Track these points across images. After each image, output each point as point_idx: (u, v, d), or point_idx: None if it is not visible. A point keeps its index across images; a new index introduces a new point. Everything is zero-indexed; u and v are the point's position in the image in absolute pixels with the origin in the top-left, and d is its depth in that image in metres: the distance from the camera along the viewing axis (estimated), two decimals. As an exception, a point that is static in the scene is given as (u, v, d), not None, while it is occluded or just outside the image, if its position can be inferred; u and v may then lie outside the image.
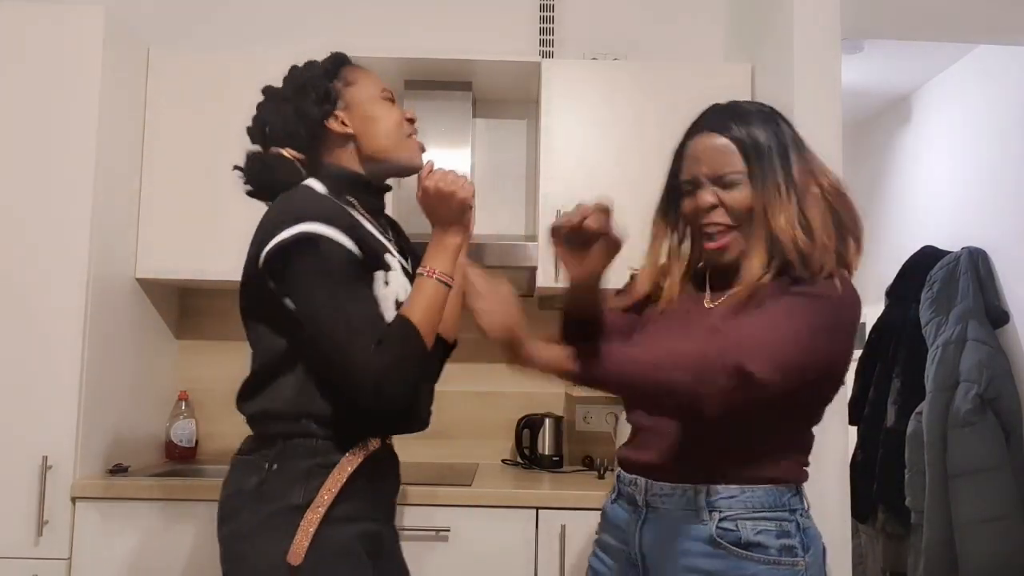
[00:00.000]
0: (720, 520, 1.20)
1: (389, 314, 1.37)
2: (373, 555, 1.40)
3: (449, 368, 2.91)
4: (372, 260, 1.37)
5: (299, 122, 1.44)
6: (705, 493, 1.21)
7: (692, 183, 1.30)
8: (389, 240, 1.49)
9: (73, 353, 2.13)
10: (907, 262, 3.37)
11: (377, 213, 1.52)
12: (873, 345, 3.39)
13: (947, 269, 3.12)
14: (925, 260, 3.28)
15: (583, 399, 2.70)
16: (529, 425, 2.60)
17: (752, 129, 1.28)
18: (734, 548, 1.18)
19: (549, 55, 2.80)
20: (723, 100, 1.37)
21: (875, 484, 3.20)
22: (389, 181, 1.57)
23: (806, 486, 1.29)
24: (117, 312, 2.32)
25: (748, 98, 2.45)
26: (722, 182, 1.27)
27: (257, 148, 1.49)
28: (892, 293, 3.39)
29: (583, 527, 2.05)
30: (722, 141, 1.28)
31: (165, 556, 2.06)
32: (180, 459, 2.52)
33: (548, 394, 2.73)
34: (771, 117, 1.32)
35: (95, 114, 2.19)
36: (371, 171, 1.49)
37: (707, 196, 1.28)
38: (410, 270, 1.49)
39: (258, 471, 1.34)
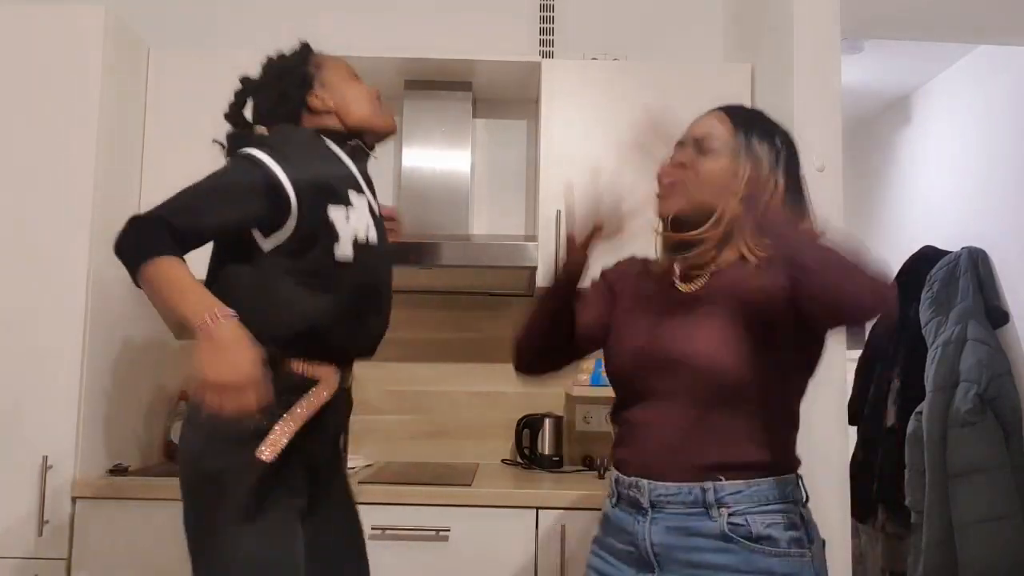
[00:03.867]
0: (729, 515, 1.20)
1: (345, 248, 1.47)
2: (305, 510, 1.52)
3: (449, 368, 2.93)
4: (322, 194, 1.48)
5: (283, 103, 1.64)
6: (713, 491, 1.21)
7: (679, 146, 1.36)
8: (363, 181, 1.63)
9: (73, 353, 2.13)
10: (907, 262, 3.36)
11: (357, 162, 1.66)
12: (873, 345, 3.39)
13: (947, 269, 3.12)
14: (925, 260, 3.27)
15: (583, 399, 2.70)
16: (529, 425, 2.60)
17: (759, 124, 1.34)
18: (745, 542, 1.19)
19: (549, 55, 2.80)
20: (724, 100, 1.41)
21: (875, 484, 3.20)
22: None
23: (806, 483, 1.30)
24: (117, 312, 2.32)
25: (748, 98, 2.48)
26: (701, 147, 1.33)
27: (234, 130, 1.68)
28: (892, 293, 3.39)
29: (583, 527, 2.05)
30: (721, 116, 1.34)
31: (165, 556, 2.06)
32: (180, 459, 2.52)
33: (548, 394, 2.74)
34: (786, 139, 1.36)
35: (95, 114, 2.20)
36: (365, 132, 1.66)
37: (679, 155, 1.34)
38: (378, 213, 1.65)
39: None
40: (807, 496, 1.28)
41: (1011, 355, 2.95)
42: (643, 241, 1.42)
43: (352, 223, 1.50)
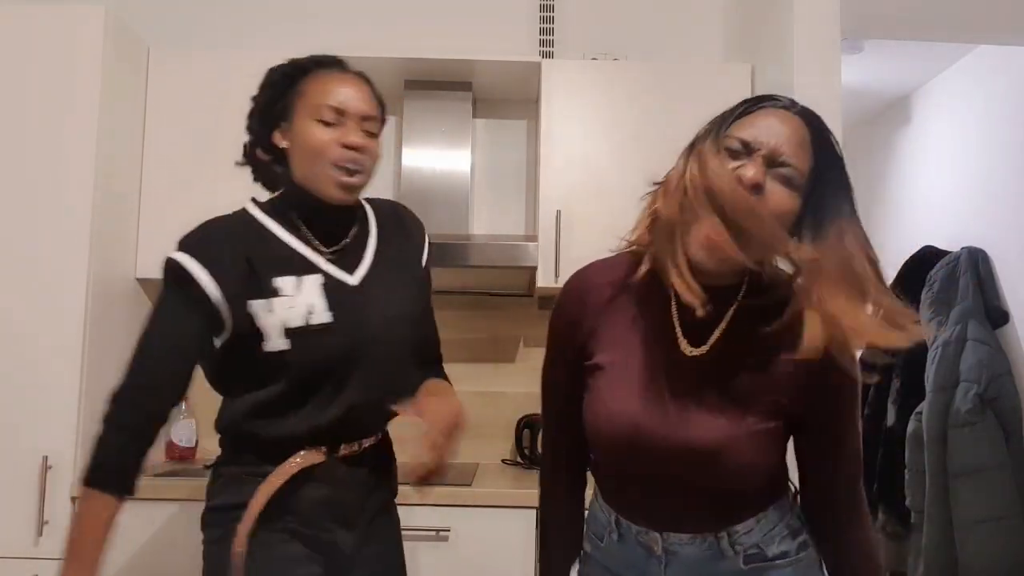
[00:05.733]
0: (746, 551, 1.19)
1: (275, 340, 1.34)
2: (329, 563, 1.42)
3: (449, 368, 2.91)
4: (247, 288, 1.35)
5: (250, 135, 1.47)
6: (726, 537, 1.19)
7: (743, 149, 1.05)
8: (320, 252, 1.42)
9: (73, 353, 2.13)
10: (907, 262, 3.37)
11: (324, 224, 1.43)
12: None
13: (947, 269, 3.12)
14: (925, 260, 3.28)
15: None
16: (529, 425, 2.60)
17: (833, 139, 1.10)
18: (762, 564, 1.19)
19: (549, 55, 2.80)
20: (724, 100, 1.15)
21: (875, 484, 3.20)
22: None
23: None
24: (117, 312, 2.32)
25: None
26: (776, 171, 1.04)
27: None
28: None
29: (583, 527, 2.05)
30: (800, 125, 1.07)
31: (165, 556, 2.06)
32: (180, 459, 2.52)
33: (548, 394, 2.74)
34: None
35: (95, 114, 2.20)
36: (304, 196, 1.41)
37: (752, 170, 1.03)
38: (347, 273, 1.43)
39: (212, 475, 1.46)
40: (796, 489, 1.27)
41: (1011, 355, 2.95)
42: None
43: (277, 313, 1.34)
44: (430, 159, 2.66)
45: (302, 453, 1.39)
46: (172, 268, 1.38)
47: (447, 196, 2.63)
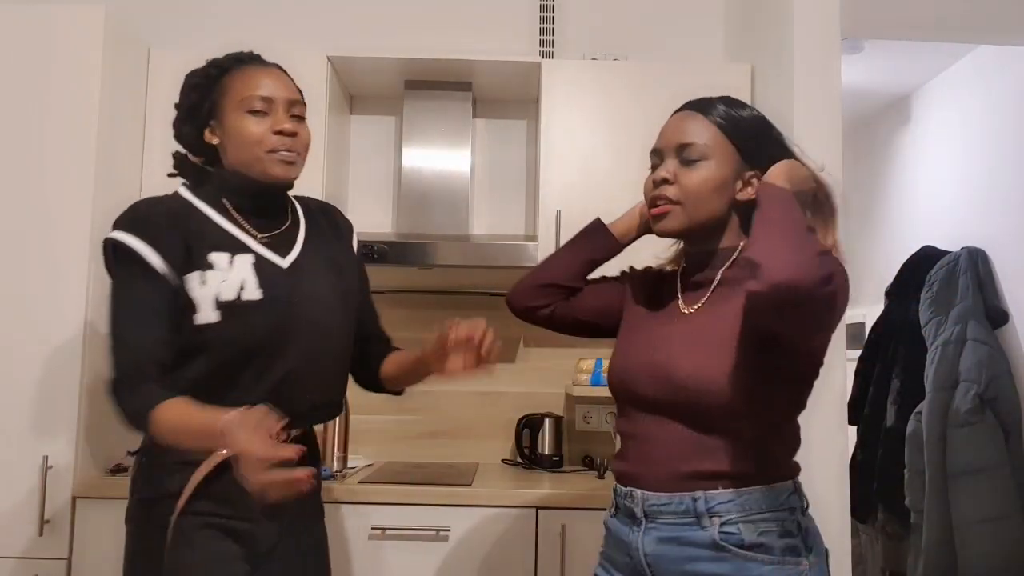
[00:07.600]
0: (721, 525, 1.18)
1: (206, 312, 1.36)
2: (249, 554, 1.41)
3: (449, 368, 2.88)
4: (185, 263, 1.38)
5: (180, 142, 1.55)
6: (703, 500, 1.20)
7: (657, 155, 1.35)
8: (252, 235, 1.47)
9: (73, 353, 2.13)
10: (907, 262, 3.37)
11: (256, 212, 1.49)
12: (873, 345, 3.40)
13: (947, 269, 3.12)
14: (925, 260, 3.28)
15: (583, 399, 2.70)
16: (529, 425, 2.60)
17: (737, 112, 1.31)
18: (738, 550, 1.17)
19: (549, 55, 2.80)
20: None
21: (875, 484, 3.20)
22: None
23: (805, 486, 1.29)
24: (117, 312, 2.32)
25: (748, 98, 2.48)
26: (683, 157, 1.29)
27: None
28: (892, 293, 3.40)
29: (583, 527, 2.05)
30: (695, 116, 1.31)
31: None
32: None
33: (548, 394, 2.74)
34: (763, 119, 1.35)
35: (95, 114, 2.20)
36: (242, 180, 1.48)
37: (662, 168, 1.31)
38: (283, 258, 1.47)
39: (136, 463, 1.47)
40: (807, 503, 1.26)
41: (1011, 355, 2.95)
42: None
43: (211, 285, 1.37)
44: (430, 159, 2.66)
45: None
46: (114, 248, 1.38)
47: (447, 196, 2.63)
